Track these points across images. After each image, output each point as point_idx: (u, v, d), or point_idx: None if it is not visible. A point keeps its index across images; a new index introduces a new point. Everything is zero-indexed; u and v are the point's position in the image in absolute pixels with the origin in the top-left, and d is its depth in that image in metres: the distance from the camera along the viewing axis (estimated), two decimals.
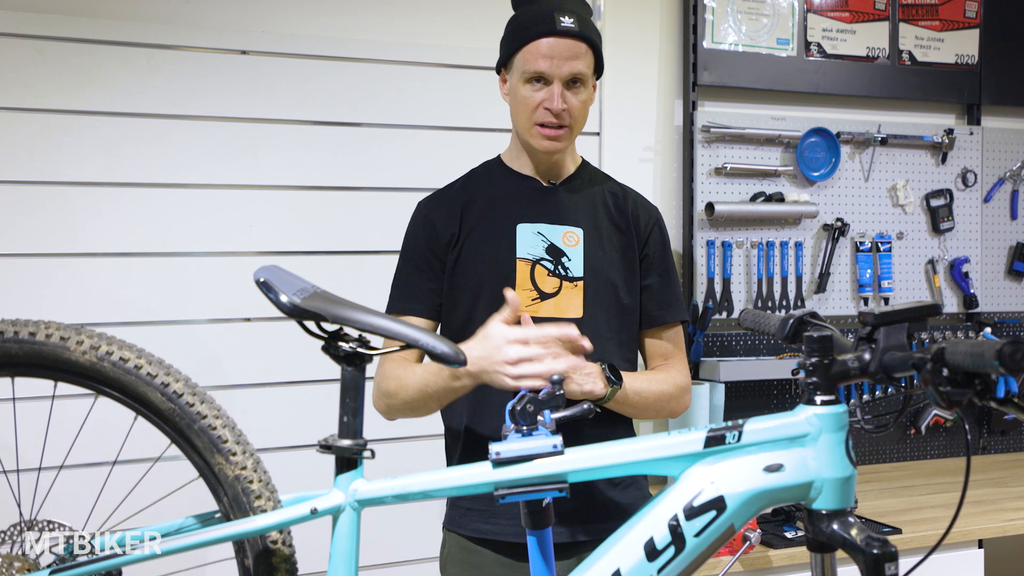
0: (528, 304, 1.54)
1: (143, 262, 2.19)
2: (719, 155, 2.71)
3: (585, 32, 1.50)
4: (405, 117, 2.40)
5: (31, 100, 2.11)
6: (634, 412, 1.55)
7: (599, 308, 1.57)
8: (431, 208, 1.64)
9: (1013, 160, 3.04)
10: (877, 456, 2.92)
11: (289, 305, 1.12)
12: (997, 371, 0.85)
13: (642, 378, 1.55)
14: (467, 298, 1.57)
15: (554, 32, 1.48)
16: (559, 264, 1.57)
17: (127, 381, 1.19)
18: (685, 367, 1.66)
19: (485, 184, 1.65)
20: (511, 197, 1.61)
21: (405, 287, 1.61)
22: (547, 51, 1.48)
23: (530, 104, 1.52)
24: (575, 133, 1.57)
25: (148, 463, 1.36)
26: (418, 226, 1.63)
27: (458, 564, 1.60)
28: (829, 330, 1.08)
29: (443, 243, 1.59)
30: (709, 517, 1.03)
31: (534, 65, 1.49)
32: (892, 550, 0.97)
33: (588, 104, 1.56)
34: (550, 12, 1.49)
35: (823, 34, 2.80)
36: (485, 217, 1.60)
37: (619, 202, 1.64)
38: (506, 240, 1.57)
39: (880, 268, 2.85)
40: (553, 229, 1.58)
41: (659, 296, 1.63)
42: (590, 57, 1.52)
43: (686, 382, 1.63)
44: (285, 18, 2.33)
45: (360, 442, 1.14)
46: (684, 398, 1.62)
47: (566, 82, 1.50)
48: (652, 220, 1.65)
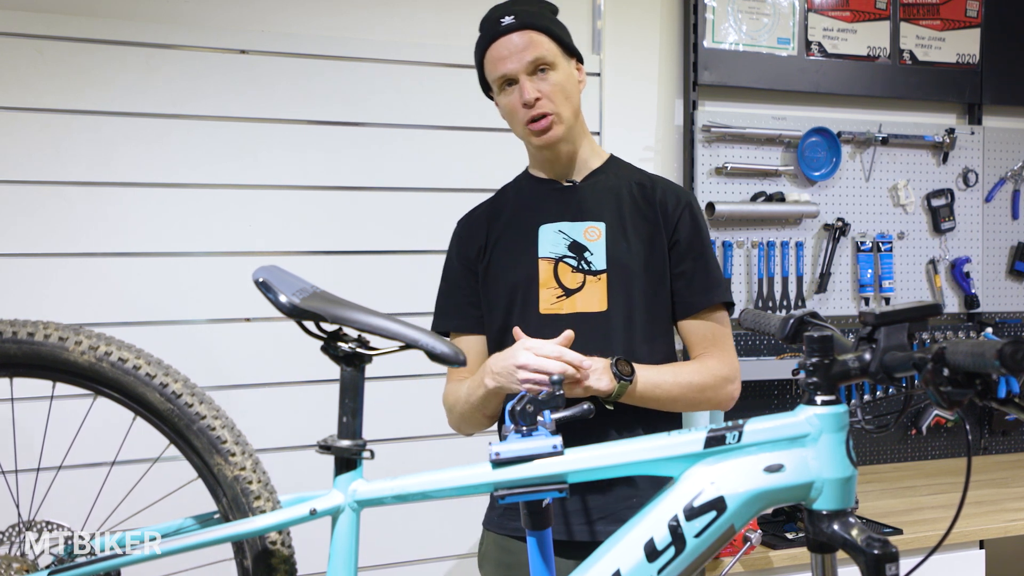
0: (553, 302, 1.56)
1: (142, 262, 2.19)
2: (719, 155, 2.70)
3: (529, 21, 1.52)
4: (405, 117, 2.40)
5: (30, 100, 2.10)
6: (658, 405, 1.50)
7: (624, 300, 1.55)
8: (463, 225, 1.70)
9: (1014, 160, 3.04)
10: (878, 456, 2.92)
11: (288, 305, 1.12)
12: (998, 371, 0.85)
13: (665, 370, 1.51)
14: (500, 305, 1.60)
15: (497, 34, 1.52)
16: (582, 259, 1.57)
17: (126, 381, 1.19)
18: (727, 354, 1.58)
19: (512, 195, 1.68)
20: (533, 202, 1.64)
21: (443, 306, 1.68)
22: (501, 52, 1.52)
23: (512, 109, 1.55)
24: (565, 115, 1.54)
25: (147, 464, 1.36)
26: (452, 245, 1.70)
27: (493, 562, 1.62)
28: (830, 330, 1.07)
29: (472, 256, 1.64)
30: (709, 518, 1.03)
31: (497, 71, 1.53)
32: (893, 551, 0.96)
33: (567, 85, 1.54)
34: (494, 19, 1.54)
35: (824, 33, 2.80)
36: (510, 225, 1.63)
37: (646, 192, 1.61)
38: (529, 242, 1.59)
39: (881, 268, 2.85)
40: (574, 226, 1.59)
41: (693, 281, 1.58)
42: (545, 40, 1.52)
43: (728, 371, 1.56)
44: (285, 17, 2.32)
45: (359, 443, 1.14)
46: (725, 388, 1.55)
47: (532, 72, 1.52)
48: (682, 204, 1.60)
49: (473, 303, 1.64)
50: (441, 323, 1.67)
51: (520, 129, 1.57)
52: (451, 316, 1.65)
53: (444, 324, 1.66)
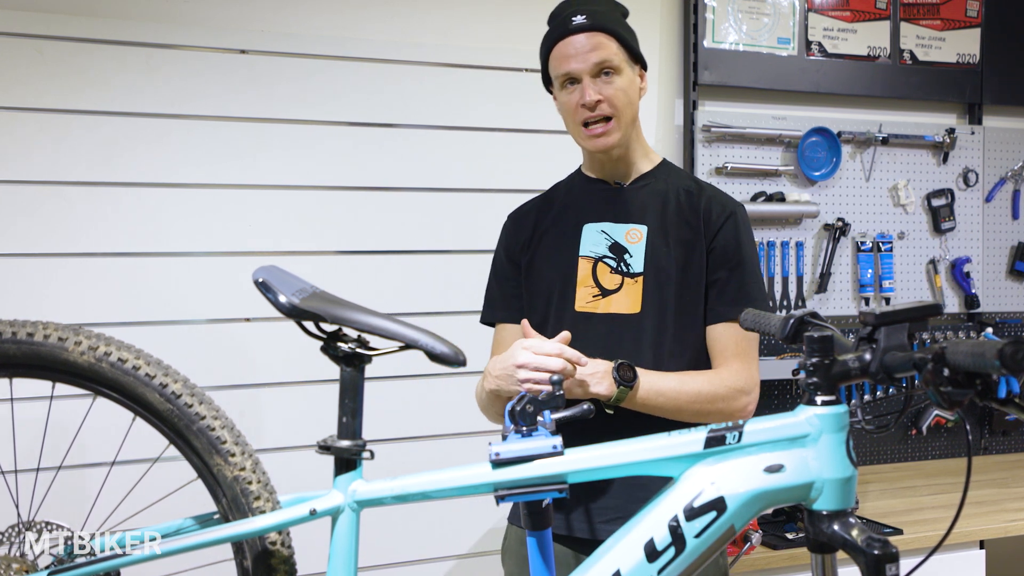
0: (589, 300, 1.57)
1: (142, 262, 2.19)
2: (720, 155, 2.70)
3: (600, 23, 1.53)
4: (405, 117, 2.39)
5: (30, 100, 2.10)
6: (662, 413, 1.48)
7: (657, 304, 1.54)
8: (511, 220, 1.74)
9: (1014, 160, 3.04)
10: (878, 456, 2.91)
11: (288, 305, 1.12)
12: (998, 371, 0.85)
13: (671, 378, 1.48)
14: (540, 299, 1.62)
15: (568, 31, 1.53)
16: (622, 261, 1.58)
17: (125, 382, 1.19)
18: (747, 366, 1.54)
19: (563, 193, 1.71)
20: (581, 200, 1.66)
21: (490, 297, 1.73)
22: (567, 51, 1.53)
23: (571, 108, 1.56)
24: (624, 123, 1.55)
25: (147, 464, 1.36)
26: (500, 238, 1.73)
27: (514, 556, 1.63)
28: (830, 330, 1.07)
29: (517, 250, 1.67)
30: (709, 518, 1.03)
31: (561, 68, 1.55)
32: (893, 551, 0.96)
33: (630, 91, 1.56)
34: (565, 16, 1.55)
35: (824, 33, 2.80)
36: (556, 221, 1.66)
37: (692, 199, 1.61)
38: (571, 240, 1.61)
39: (881, 268, 2.85)
40: (617, 227, 1.60)
41: (727, 291, 1.55)
42: (613, 44, 1.54)
43: (743, 383, 1.52)
44: (284, 17, 2.32)
45: (359, 443, 1.14)
46: (739, 400, 1.51)
47: (596, 74, 1.53)
48: (726, 213, 1.58)
49: (518, 295, 1.67)
50: (489, 313, 1.72)
51: (575, 129, 1.58)
52: (498, 307, 1.70)
53: (492, 315, 1.71)
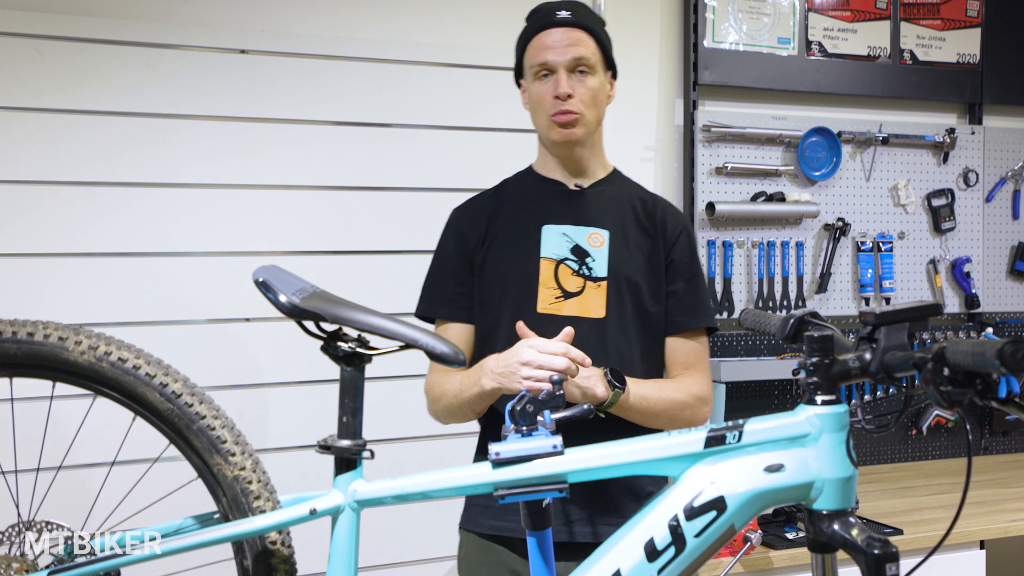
0: (551, 302, 1.56)
1: (142, 262, 2.19)
2: (720, 155, 2.70)
3: (582, 21, 1.56)
4: (405, 117, 2.39)
5: (29, 99, 2.10)
6: (642, 419, 1.52)
7: (622, 309, 1.57)
8: (461, 214, 1.69)
9: (1015, 160, 3.04)
10: (878, 456, 2.91)
11: (288, 305, 1.12)
12: (998, 371, 0.85)
13: (651, 385, 1.53)
14: (494, 299, 1.60)
15: (552, 23, 1.55)
16: (583, 264, 1.58)
17: (125, 381, 1.19)
18: (705, 377, 1.62)
19: (515, 190, 1.68)
20: (538, 200, 1.64)
21: (432, 291, 1.66)
22: (547, 42, 1.54)
23: (542, 98, 1.56)
24: (589, 121, 1.57)
25: (147, 464, 1.36)
26: (449, 232, 1.68)
27: (476, 563, 1.60)
28: (830, 330, 1.07)
29: (471, 247, 1.63)
30: (709, 517, 1.03)
31: (539, 58, 1.55)
32: (893, 551, 0.96)
33: (600, 93, 1.58)
34: (548, 10, 1.57)
35: (824, 33, 2.80)
36: (512, 220, 1.63)
37: (648, 208, 1.65)
38: (531, 241, 1.59)
39: (881, 268, 2.85)
40: (579, 230, 1.59)
41: (684, 302, 1.61)
42: (592, 44, 1.56)
43: (704, 392, 1.59)
44: (284, 17, 2.32)
45: (359, 443, 1.14)
46: (702, 409, 1.58)
47: (572, 69, 1.54)
48: (680, 227, 1.64)
49: (464, 293, 1.63)
50: (428, 309, 1.65)
51: (543, 119, 1.58)
52: (440, 303, 1.63)
53: (432, 311, 1.65)
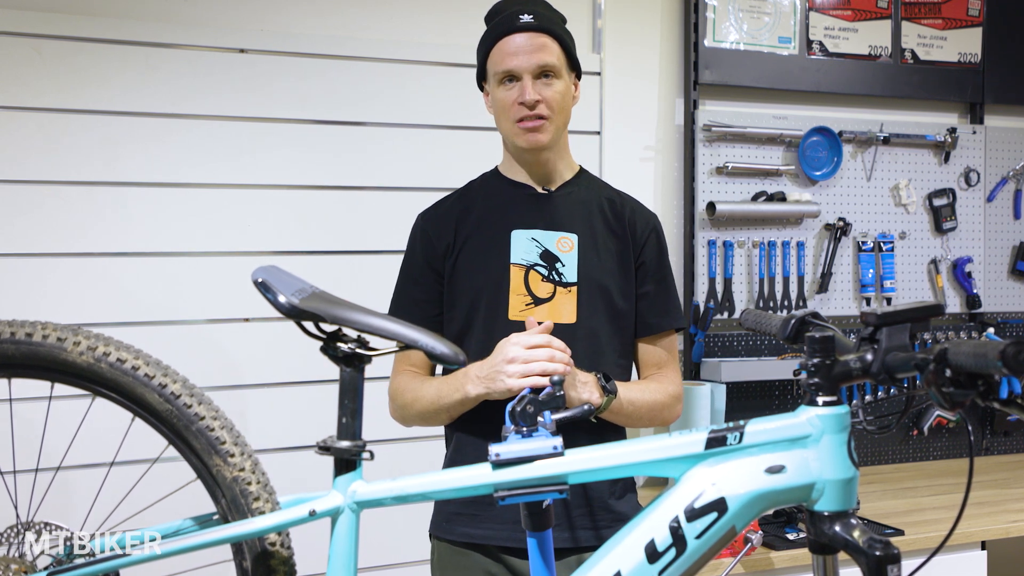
0: (522, 309, 1.56)
1: (141, 262, 2.18)
2: (720, 154, 2.70)
3: (546, 25, 1.54)
4: (405, 116, 2.39)
5: (28, 99, 2.10)
6: (627, 421, 1.56)
7: (593, 313, 1.57)
8: (427, 220, 1.67)
9: (1016, 159, 3.03)
10: (879, 457, 2.91)
11: (287, 305, 1.12)
12: (1000, 372, 0.84)
13: (636, 388, 1.56)
14: (464, 306, 1.59)
15: (515, 29, 1.53)
16: (553, 270, 1.57)
17: (124, 382, 1.18)
18: (678, 376, 1.66)
19: (481, 194, 1.66)
20: (505, 205, 1.62)
21: (400, 301, 1.65)
22: (511, 48, 1.53)
23: (507, 104, 1.54)
24: (556, 125, 1.56)
25: (146, 464, 1.36)
26: (415, 239, 1.67)
27: (449, 569, 1.60)
28: (831, 330, 1.07)
29: (439, 254, 1.62)
30: (710, 519, 1.03)
31: (502, 64, 1.53)
32: (895, 552, 0.96)
33: (566, 96, 1.57)
34: (511, 13, 1.54)
35: (825, 32, 2.79)
36: (480, 225, 1.61)
37: (616, 208, 1.64)
38: (500, 247, 1.58)
39: (882, 268, 2.84)
40: (547, 235, 1.59)
41: (655, 303, 1.63)
42: (556, 48, 1.54)
43: (678, 391, 1.63)
44: (284, 16, 2.32)
45: (359, 443, 1.13)
46: (676, 407, 1.63)
47: (537, 75, 1.53)
48: (649, 227, 1.65)
49: (432, 301, 1.62)
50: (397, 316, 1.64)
51: (508, 125, 1.56)
52: (408, 311, 1.61)
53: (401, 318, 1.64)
